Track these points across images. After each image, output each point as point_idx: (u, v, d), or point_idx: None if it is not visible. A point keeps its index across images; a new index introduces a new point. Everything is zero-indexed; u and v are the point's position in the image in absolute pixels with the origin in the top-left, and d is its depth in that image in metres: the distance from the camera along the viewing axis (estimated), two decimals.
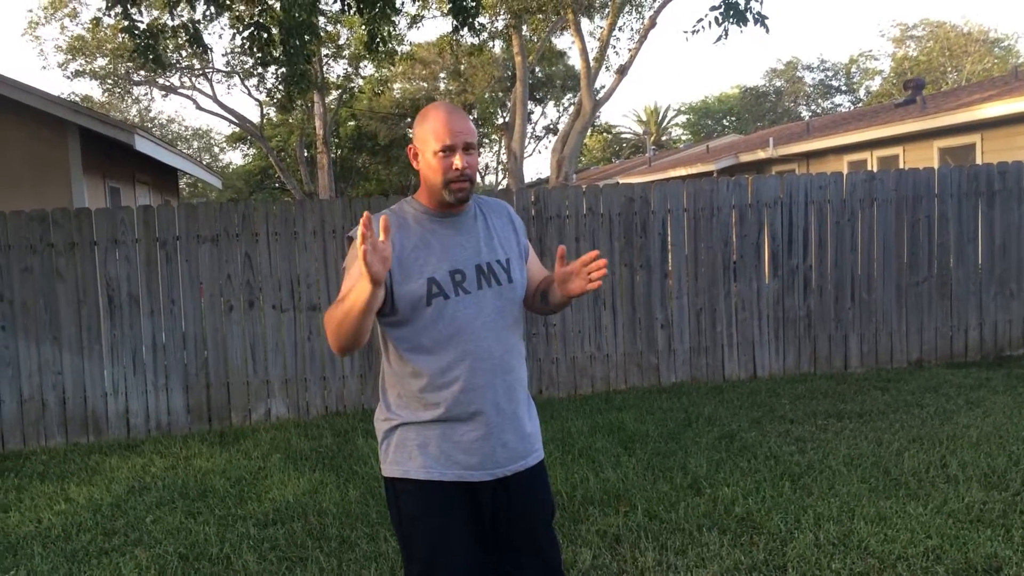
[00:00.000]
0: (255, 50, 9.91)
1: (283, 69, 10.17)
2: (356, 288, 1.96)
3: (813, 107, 44.78)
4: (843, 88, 45.04)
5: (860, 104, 41.34)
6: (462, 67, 29.34)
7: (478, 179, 38.82)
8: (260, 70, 24.36)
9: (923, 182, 7.55)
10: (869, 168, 13.09)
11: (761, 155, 16.07)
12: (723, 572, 3.48)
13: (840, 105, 44.20)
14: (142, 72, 25.96)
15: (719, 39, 14.23)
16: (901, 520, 3.87)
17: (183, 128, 42.98)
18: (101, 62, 26.34)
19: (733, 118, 47.25)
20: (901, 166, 12.20)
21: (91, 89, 36.26)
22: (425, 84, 32.19)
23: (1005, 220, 7.63)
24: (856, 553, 3.56)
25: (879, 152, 13.31)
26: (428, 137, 2.16)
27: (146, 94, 31.99)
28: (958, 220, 7.57)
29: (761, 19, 13.18)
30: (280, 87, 12.80)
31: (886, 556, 3.51)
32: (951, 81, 35.57)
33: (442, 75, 31.92)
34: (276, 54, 10.02)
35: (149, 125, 36.20)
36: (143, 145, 9.51)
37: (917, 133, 12.30)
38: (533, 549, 2.26)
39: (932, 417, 5.67)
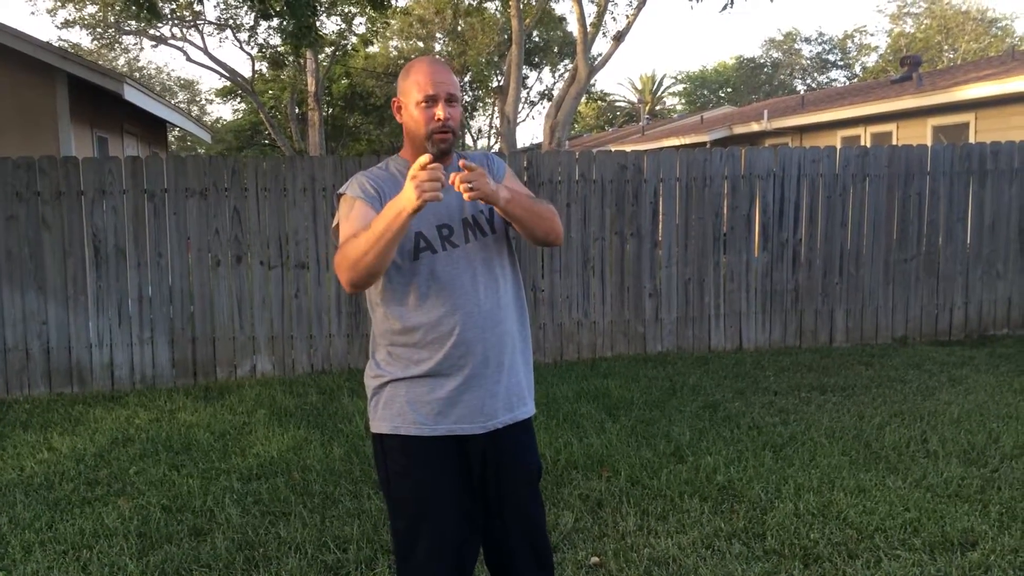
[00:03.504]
0: (254, 2, 9.75)
1: (291, 21, 10.01)
2: (391, 213, 1.94)
3: (809, 81, 44.59)
4: (839, 63, 44.84)
5: (856, 79, 41.19)
6: (459, 27, 29.00)
7: (470, 142, 38.57)
8: (253, 23, 24.03)
9: (916, 159, 7.54)
10: (862, 144, 13.07)
11: (755, 127, 16.01)
12: (703, 538, 3.52)
13: (835, 80, 44.04)
14: (132, 22, 25.51)
15: (724, 8, 14.13)
16: (880, 492, 3.91)
17: (171, 80, 42.36)
18: (91, 9, 25.85)
19: (729, 89, 47.01)
20: (894, 143, 12.17)
21: (80, 38, 35.66)
22: (422, 44, 31.80)
23: (996, 200, 7.65)
24: (835, 523, 3.61)
25: (873, 128, 13.28)
26: (411, 89, 2.17)
27: (136, 44, 31.49)
28: (949, 198, 7.59)
29: None
30: (285, 39, 12.59)
31: (864, 527, 3.56)
32: (947, 60, 35.45)
33: (439, 35, 31.55)
34: (277, 8, 9.87)
35: (137, 76, 35.67)
36: (132, 95, 9.37)
37: (911, 110, 12.27)
38: (518, 506, 2.28)
39: (914, 393, 5.72)
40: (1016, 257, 7.70)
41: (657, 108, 46.40)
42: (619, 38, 17.25)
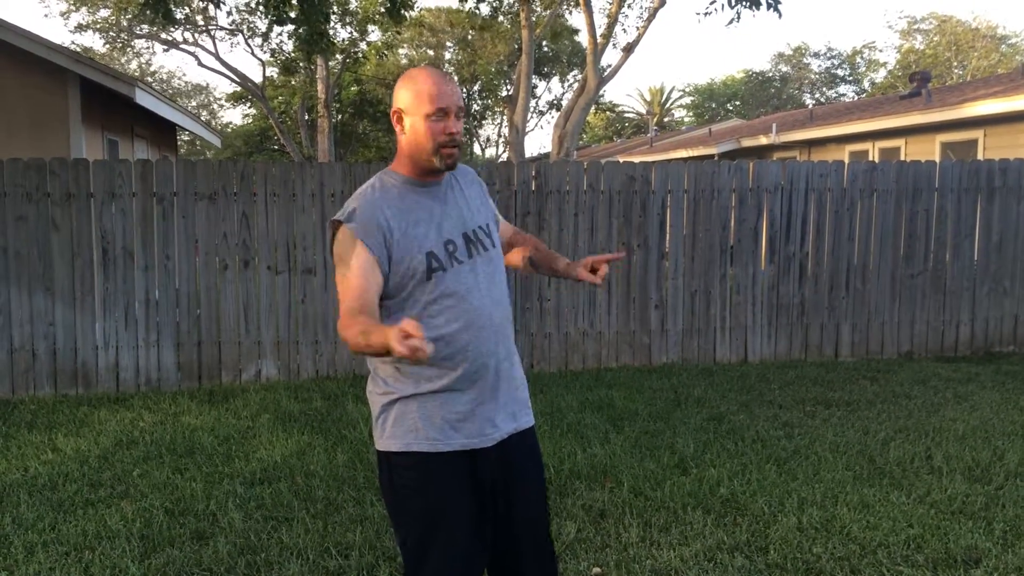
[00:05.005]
0: (270, 9, 9.87)
1: (302, 28, 10.14)
2: (378, 341, 1.83)
3: (817, 95, 44.60)
4: (848, 78, 44.85)
5: (864, 95, 41.20)
6: (470, 36, 29.11)
7: (479, 151, 38.64)
8: (266, 29, 24.16)
9: (924, 175, 7.53)
10: (870, 159, 13.06)
11: (763, 140, 16.02)
12: (706, 550, 3.51)
13: (844, 95, 44.05)
14: (145, 26, 25.68)
15: (731, 22, 14.15)
16: (884, 508, 3.90)
17: (183, 84, 42.61)
18: (104, 13, 26.04)
19: (737, 102, 47.05)
20: (902, 158, 12.17)
21: (92, 41, 35.88)
22: (432, 52, 31.94)
23: (1004, 217, 7.63)
24: (838, 538, 3.60)
25: (881, 143, 13.27)
26: (420, 100, 2.10)
27: (147, 47, 31.68)
28: (957, 215, 7.57)
29: (774, 4, 13.11)
30: (297, 45, 12.74)
31: (867, 542, 3.54)
32: (956, 76, 35.43)
33: (449, 44, 31.67)
34: (292, 14, 9.99)
35: (149, 80, 35.87)
36: (143, 98, 9.43)
37: (920, 126, 12.26)
38: (528, 514, 2.27)
39: (919, 409, 5.71)
40: (1023, 274, 7.68)
41: (666, 120, 46.46)
42: (629, 49, 17.29)
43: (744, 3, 13.74)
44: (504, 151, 35.65)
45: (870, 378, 6.67)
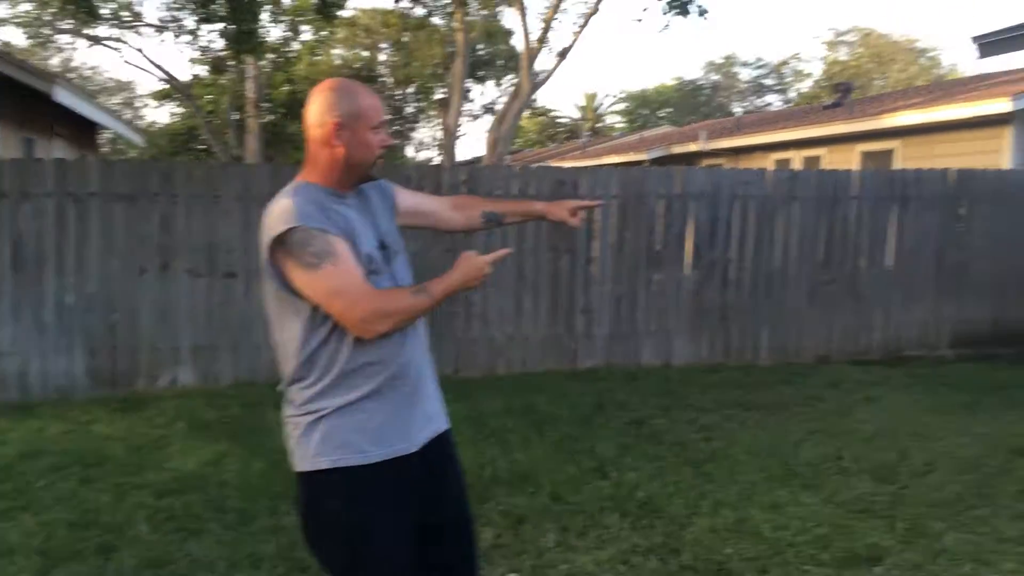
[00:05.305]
0: (196, 5, 9.67)
1: (231, 27, 9.95)
2: (448, 287, 2.08)
3: (746, 104, 45.62)
4: (775, 88, 46.01)
5: (791, 104, 42.29)
6: (404, 39, 28.92)
7: (412, 154, 38.49)
8: (195, 27, 23.60)
9: (842, 183, 7.76)
10: (794, 167, 13.40)
11: (692, 147, 16.30)
12: (620, 554, 3.55)
13: (771, 104, 45.16)
14: (68, 21, 24.83)
15: (664, 28, 14.73)
16: (794, 509, 3.99)
17: (107, 80, 41.34)
18: (26, 7, 25.09)
19: (670, 109, 47.81)
20: (825, 167, 12.51)
21: (13, 36, 34.52)
22: (367, 53, 31.64)
23: (917, 226, 7.90)
24: (749, 539, 3.67)
25: (804, 152, 13.63)
26: (366, 113, 2.12)
27: (70, 43, 30.64)
28: (872, 223, 7.81)
29: (701, 12, 13.62)
30: (227, 44, 12.44)
31: (777, 542, 3.62)
32: (878, 87, 36.65)
33: (383, 45, 31.43)
34: (220, 12, 9.80)
35: (71, 76, 34.70)
36: (63, 96, 9.12)
37: (841, 136, 12.63)
38: (453, 520, 2.27)
39: (831, 411, 5.87)
40: (933, 281, 7.96)
41: (599, 126, 46.90)
42: (563, 54, 17.43)
43: (675, 10, 14.39)
44: (438, 154, 35.56)
45: (786, 381, 6.83)
